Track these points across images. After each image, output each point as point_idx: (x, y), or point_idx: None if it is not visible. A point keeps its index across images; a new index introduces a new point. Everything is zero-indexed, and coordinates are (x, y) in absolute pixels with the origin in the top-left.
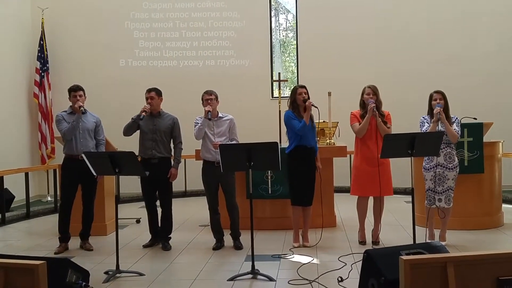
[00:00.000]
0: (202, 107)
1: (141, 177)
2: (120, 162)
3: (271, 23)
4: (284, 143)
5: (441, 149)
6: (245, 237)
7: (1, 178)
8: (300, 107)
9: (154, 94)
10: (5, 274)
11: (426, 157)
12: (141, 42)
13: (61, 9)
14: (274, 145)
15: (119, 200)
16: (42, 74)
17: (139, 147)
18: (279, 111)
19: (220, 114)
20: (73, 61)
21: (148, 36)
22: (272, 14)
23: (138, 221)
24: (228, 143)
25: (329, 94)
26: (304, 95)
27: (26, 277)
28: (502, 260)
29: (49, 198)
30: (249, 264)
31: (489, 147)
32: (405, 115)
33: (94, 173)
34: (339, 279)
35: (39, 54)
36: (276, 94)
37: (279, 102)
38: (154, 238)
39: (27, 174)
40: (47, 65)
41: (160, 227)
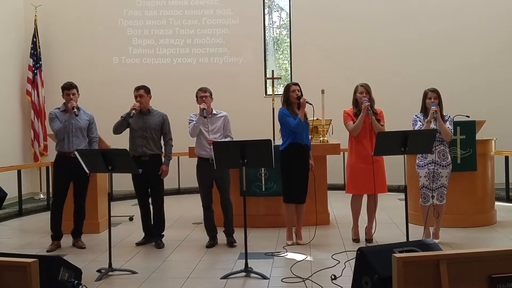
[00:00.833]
0: (196, 104)
1: (133, 175)
2: (113, 160)
3: (265, 21)
4: (278, 141)
5: (435, 147)
6: (239, 235)
7: None
8: (294, 105)
9: (143, 92)
10: None
11: (420, 155)
12: (135, 40)
13: (54, 7)
14: (268, 143)
15: (112, 198)
16: (35, 72)
17: (129, 145)
18: (273, 109)
19: (214, 111)
20: (66, 59)
21: (142, 34)
22: (266, 12)
23: (131, 219)
24: (222, 141)
25: (322, 92)
26: (298, 92)
27: (18, 275)
28: (495, 258)
29: (42, 196)
30: (243, 262)
31: (482, 145)
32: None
33: (87, 171)
34: (333, 277)
35: (32, 52)
36: (270, 92)
37: (273, 100)
38: (147, 236)
39: (20, 172)
40: (40, 63)
41: (153, 225)
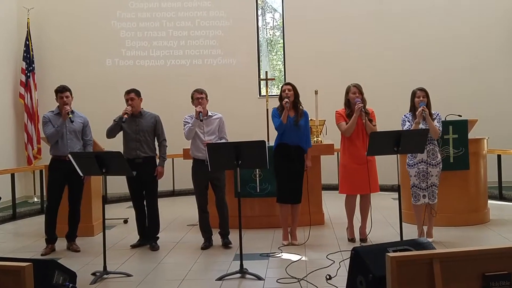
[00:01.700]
0: (189, 106)
1: (127, 177)
2: (107, 162)
3: (258, 22)
4: (272, 142)
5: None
6: (234, 236)
7: None
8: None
9: (134, 95)
10: None
11: (410, 154)
12: (128, 42)
13: (47, 9)
14: (262, 144)
15: (106, 200)
16: (28, 75)
17: (123, 148)
18: (267, 110)
19: (210, 113)
20: (59, 61)
21: (135, 36)
22: (259, 13)
23: (126, 221)
24: (216, 142)
25: (316, 93)
26: (288, 92)
27: (12, 279)
28: (488, 256)
29: (36, 199)
30: (238, 263)
31: (474, 144)
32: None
33: (81, 174)
34: (328, 277)
35: (25, 55)
36: (264, 93)
37: (267, 101)
38: (142, 238)
39: (13, 175)
40: (33, 65)
41: (147, 227)
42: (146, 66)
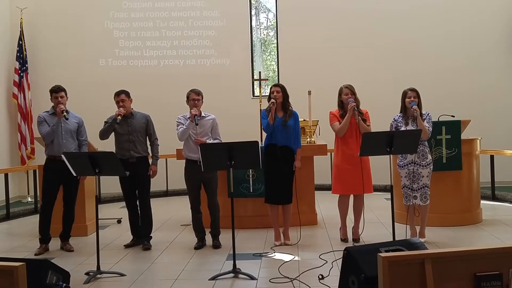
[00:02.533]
0: (183, 106)
1: (121, 177)
2: (100, 162)
3: (252, 22)
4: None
5: None
6: (227, 236)
7: None
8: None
9: (125, 96)
10: None
11: (400, 155)
12: (121, 42)
13: (40, 9)
14: (255, 144)
15: (100, 200)
16: (21, 74)
17: (116, 149)
18: (260, 110)
19: (203, 114)
20: (53, 61)
21: (128, 36)
22: (253, 13)
23: (119, 221)
24: (209, 142)
25: (309, 93)
26: (276, 94)
27: (5, 279)
28: (480, 257)
29: (29, 199)
30: (231, 263)
31: (467, 144)
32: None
33: (74, 174)
34: (320, 277)
35: (18, 54)
36: (257, 93)
37: (260, 101)
38: (136, 238)
39: (7, 175)
40: (26, 65)
41: (140, 227)
42: (140, 66)
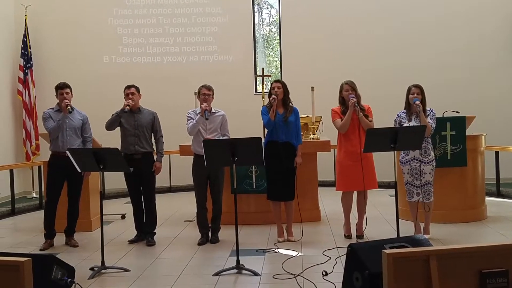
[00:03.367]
0: (187, 102)
1: (125, 173)
2: (104, 158)
3: (254, 18)
4: None
5: None
6: (230, 232)
7: None
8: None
9: (134, 90)
10: None
11: (402, 151)
12: (125, 39)
13: (45, 6)
14: (258, 141)
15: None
16: (26, 71)
17: (121, 144)
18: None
19: (213, 110)
20: (57, 58)
21: (132, 32)
22: (255, 9)
23: (123, 217)
24: (212, 139)
25: (312, 89)
26: (277, 90)
27: (11, 274)
28: (485, 253)
29: (34, 195)
30: (234, 259)
31: (472, 141)
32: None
33: (79, 170)
34: (324, 273)
35: (23, 51)
36: (260, 89)
37: (263, 97)
38: (140, 234)
39: (12, 171)
40: (31, 62)
41: (144, 222)
42: (143, 63)
